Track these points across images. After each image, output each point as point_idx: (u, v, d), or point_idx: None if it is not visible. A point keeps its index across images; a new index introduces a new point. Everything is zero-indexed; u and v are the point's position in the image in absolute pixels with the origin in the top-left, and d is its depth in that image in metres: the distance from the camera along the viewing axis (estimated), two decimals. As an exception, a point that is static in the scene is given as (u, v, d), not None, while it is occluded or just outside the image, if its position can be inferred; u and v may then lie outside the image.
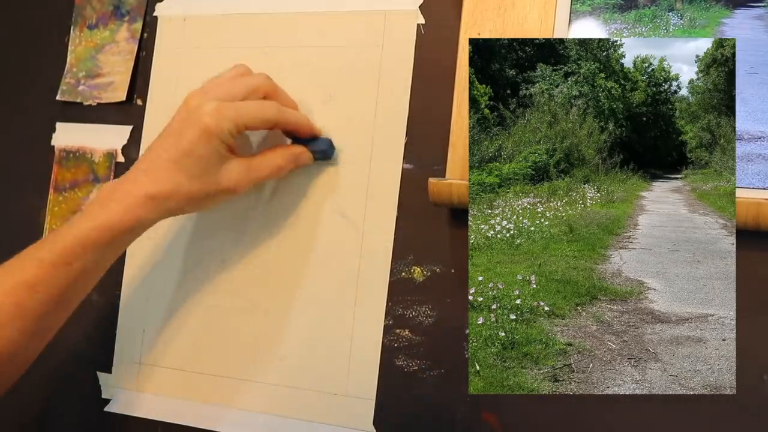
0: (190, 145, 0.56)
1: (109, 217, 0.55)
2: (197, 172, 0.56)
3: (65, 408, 0.73)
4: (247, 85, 0.59)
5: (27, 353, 0.57)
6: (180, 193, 0.56)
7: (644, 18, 0.60)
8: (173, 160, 0.56)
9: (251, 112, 0.58)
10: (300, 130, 0.62)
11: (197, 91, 0.58)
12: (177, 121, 0.57)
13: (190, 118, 0.56)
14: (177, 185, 0.56)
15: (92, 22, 0.77)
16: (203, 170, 0.57)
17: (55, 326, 0.58)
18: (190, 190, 0.56)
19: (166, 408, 0.68)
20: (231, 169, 0.58)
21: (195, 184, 0.57)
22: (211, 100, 0.56)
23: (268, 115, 0.59)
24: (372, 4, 0.66)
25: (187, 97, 0.58)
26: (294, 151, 0.62)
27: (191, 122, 0.56)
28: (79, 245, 0.55)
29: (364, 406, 0.62)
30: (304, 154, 0.63)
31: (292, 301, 0.65)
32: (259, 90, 0.60)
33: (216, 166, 0.57)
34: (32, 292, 0.54)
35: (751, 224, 0.52)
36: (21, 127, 0.79)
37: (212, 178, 0.57)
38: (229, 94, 0.58)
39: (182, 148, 0.56)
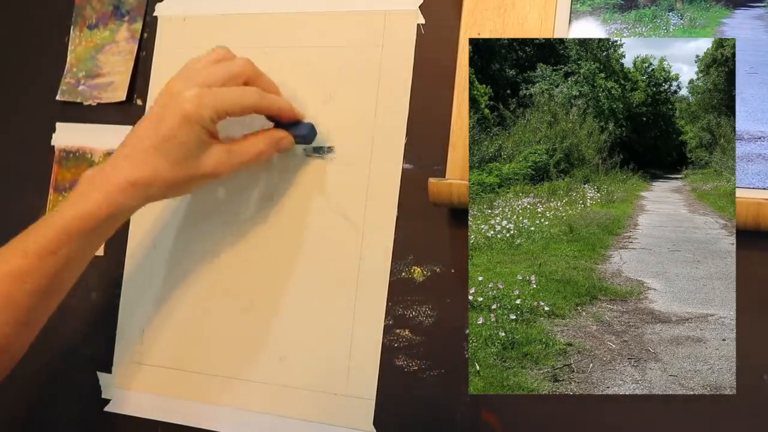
0: (171, 131, 0.56)
1: (91, 205, 0.56)
2: (178, 157, 0.57)
3: (65, 408, 0.73)
4: (228, 70, 0.59)
5: (18, 344, 0.58)
6: (161, 179, 0.57)
7: (644, 18, 0.60)
8: (154, 146, 0.56)
9: (232, 98, 0.58)
10: (282, 115, 0.63)
11: (178, 77, 0.59)
12: (158, 107, 0.58)
13: (170, 105, 0.57)
14: (157, 171, 0.56)
15: (92, 22, 0.77)
16: (184, 156, 0.57)
17: (44, 316, 0.59)
18: (170, 175, 0.57)
19: (166, 408, 0.68)
20: (212, 154, 0.58)
21: (176, 170, 0.57)
22: (191, 87, 0.57)
23: (248, 101, 0.59)
24: (372, 4, 0.66)
25: (168, 83, 0.59)
26: (275, 136, 0.63)
27: (172, 108, 0.56)
28: (64, 234, 0.55)
29: (364, 406, 0.62)
30: (286, 139, 0.63)
31: (292, 301, 0.65)
32: (240, 75, 0.60)
33: (197, 152, 0.58)
34: (20, 283, 0.55)
35: (751, 224, 0.52)
36: (21, 127, 0.79)
37: (193, 164, 0.58)
38: (209, 80, 0.58)
39: (163, 135, 0.56)
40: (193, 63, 0.60)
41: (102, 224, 0.57)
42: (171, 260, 0.70)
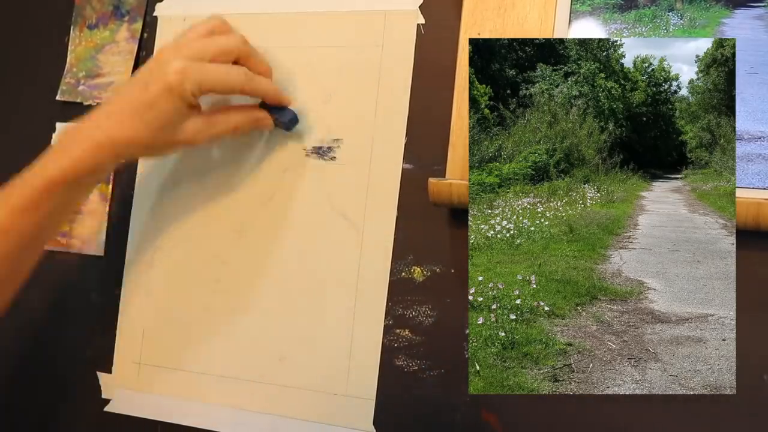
0: (153, 98, 0.58)
1: (72, 160, 0.57)
2: (157, 124, 0.58)
3: (65, 408, 0.73)
4: (220, 45, 0.60)
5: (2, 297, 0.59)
6: (138, 141, 0.59)
7: (644, 18, 0.60)
8: (135, 109, 0.58)
9: (217, 76, 0.59)
10: (267, 98, 0.64)
11: (170, 46, 0.60)
12: (145, 71, 0.59)
13: (156, 72, 0.58)
14: (136, 133, 0.58)
15: (92, 22, 0.77)
16: (163, 123, 0.59)
17: (26, 269, 0.60)
18: (148, 139, 0.59)
19: (166, 408, 0.68)
20: (190, 123, 0.60)
21: (153, 135, 0.59)
22: (180, 58, 0.58)
23: (233, 82, 0.60)
24: (372, 4, 0.66)
25: (159, 49, 0.61)
26: (255, 114, 0.64)
27: (157, 77, 0.58)
28: (45, 189, 0.57)
29: (364, 406, 0.62)
30: (266, 120, 0.64)
31: (292, 301, 0.65)
32: (231, 52, 0.61)
33: (176, 121, 0.59)
34: (4, 237, 0.56)
35: (751, 224, 0.52)
36: (21, 127, 0.79)
37: (171, 131, 0.60)
38: (200, 53, 0.59)
39: (145, 100, 0.58)
40: (188, 32, 0.61)
41: (82, 179, 0.58)
42: (171, 260, 0.70)
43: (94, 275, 0.73)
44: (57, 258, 0.75)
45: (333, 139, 0.66)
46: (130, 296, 0.72)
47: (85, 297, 0.74)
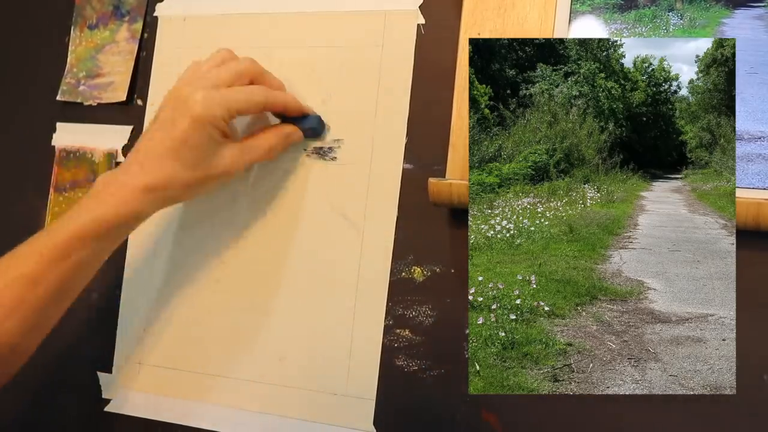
0: (184, 134, 0.57)
1: (105, 210, 0.56)
2: (192, 160, 0.57)
3: (65, 408, 0.73)
4: (234, 71, 0.60)
5: (27, 345, 0.58)
6: (176, 183, 0.57)
7: (644, 18, 0.60)
8: (168, 150, 0.57)
9: (240, 97, 0.59)
10: (289, 110, 0.63)
11: (184, 81, 0.59)
12: (167, 111, 0.58)
13: (180, 108, 0.57)
14: (173, 175, 0.57)
15: (92, 22, 0.77)
16: (198, 158, 0.58)
17: (54, 318, 0.59)
18: (186, 178, 0.58)
19: (166, 408, 0.68)
20: (225, 153, 0.59)
21: (191, 172, 0.58)
22: (199, 89, 0.57)
23: (256, 99, 0.60)
24: (372, 4, 0.66)
25: (175, 88, 0.59)
26: (285, 131, 0.64)
27: (182, 112, 0.57)
28: (77, 239, 0.56)
29: (364, 406, 0.62)
30: (295, 133, 0.64)
31: (292, 301, 0.65)
32: (245, 75, 0.61)
33: (210, 153, 0.58)
34: (32, 285, 0.55)
35: (751, 224, 0.52)
36: (21, 127, 0.79)
37: (207, 165, 0.58)
38: (216, 81, 0.59)
39: (176, 138, 0.57)
40: (198, 66, 0.61)
41: (116, 229, 0.57)
42: (171, 261, 0.70)
43: (94, 275, 0.73)
44: (57, 258, 0.75)
45: (333, 139, 0.66)
46: (130, 296, 0.72)
47: (85, 297, 0.73)
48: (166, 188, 0.57)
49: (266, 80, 0.62)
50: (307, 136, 0.65)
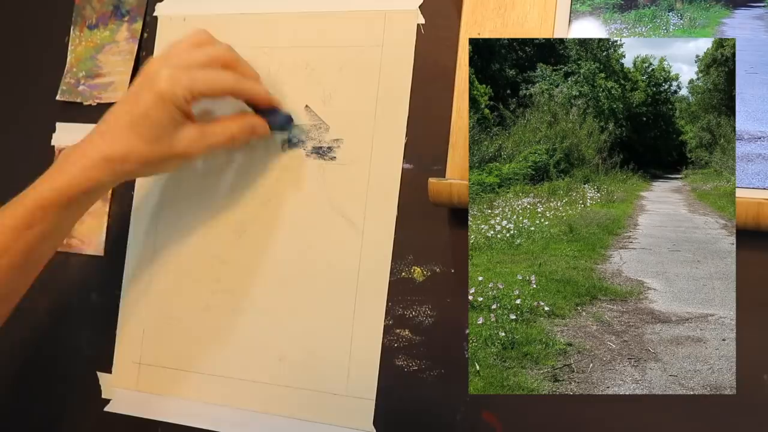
0: (145, 109, 0.57)
1: (66, 180, 0.57)
2: (152, 136, 0.58)
3: (65, 408, 0.73)
4: (208, 53, 0.60)
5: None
6: (135, 156, 0.58)
7: (644, 18, 0.60)
8: (129, 123, 0.58)
9: (207, 79, 0.59)
10: (257, 100, 0.63)
11: (157, 58, 0.60)
12: (135, 86, 0.59)
13: (146, 84, 0.58)
14: (132, 148, 0.58)
15: (92, 22, 0.77)
16: (158, 134, 0.58)
17: (20, 289, 0.60)
18: (144, 152, 0.58)
19: (166, 408, 0.68)
20: (185, 134, 0.59)
21: (149, 148, 0.58)
22: (168, 67, 0.58)
23: (223, 83, 0.60)
24: (372, 4, 0.66)
25: (146, 63, 0.60)
26: (250, 121, 0.63)
27: (147, 87, 0.58)
28: (39, 208, 0.57)
29: (364, 406, 0.62)
30: (261, 127, 0.64)
31: (292, 301, 0.65)
32: (219, 59, 0.61)
33: (170, 131, 0.59)
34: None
35: (751, 224, 0.52)
36: (21, 127, 0.79)
37: (166, 142, 0.59)
38: (188, 61, 0.59)
39: (138, 112, 0.57)
40: (174, 46, 0.61)
41: (77, 199, 0.58)
42: (171, 260, 0.70)
43: (94, 275, 0.73)
44: (57, 258, 0.75)
45: (333, 139, 0.66)
46: (130, 296, 0.72)
47: (85, 297, 0.74)
48: (125, 160, 0.58)
49: (240, 68, 0.62)
50: (273, 129, 0.65)
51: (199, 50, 0.60)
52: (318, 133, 0.66)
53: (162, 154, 0.59)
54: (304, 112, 0.67)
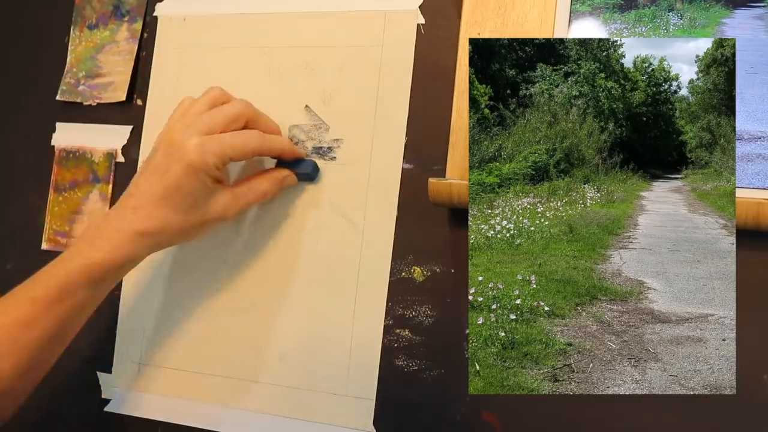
0: (177, 181, 0.56)
1: (98, 255, 0.56)
2: (185, 207, 0.57)
3: (65, 408, 0.73)
4: (228, 115, 0.59)
5: (22, 387, 0.58)
6: (169, 228, 0.57)
7: (644, 18, 0.60)
8: (160, 196, 0.57)
9: (235, 144, 0.58)
10: (284, 155, 0.63)
11: (178, 123, 0.58)
12: (160, 156, 0.57)
13: (174, 155, 0.57)
14: (166, 221, 0.57)
15: (92, 22, 0.77)
16: (191, 205, 0.57)
17: (50, 361, 0.59)
18: (179, 223, 0.58)
19: (166, 408, 0.68)
20: (218, 200, 0.59)
21: (183, 218, 0.58)
22: (193, 135, 0.57)
23: (251, 145, 0.59)
24: (372, 4, 0.66)
25: (168, 130, 0.58)
26: (278, 176, 0.64)
27: (176, 159, 0.56)
28: (71, 283, 0.56)
29: (364, 406, 0.62)
30: (289, 178, 0.64)
31: (292, 301, 0.65)
32: (240, 118, 0.60)
33: (203, 199, 0.58)
34: (26, 330, 0.55)
35: (751, 224, 0.52)
36: (21, 127, 0.79)
37: (200, 211, 0.58)
38: (210, 126, 0.58)
39: (169, 185, 0.56)
40: (190, 107, 0.60)
41: (108, 274, 0.57)
42: (171, 260, 0.70)
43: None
44: (57, 258, 0.75)
45: (333, 139, 0.66)
46: (130, 296, 0.72)
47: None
48: (160, 234, 0.57)
49: (261, 123, 0.62)
50: (301, 180, 0.65)
51: (219, 112, 0.59)
52: (318, 133, 0.66)
53: (197, 223, 0.58)
54: (304, 112, 0.67)
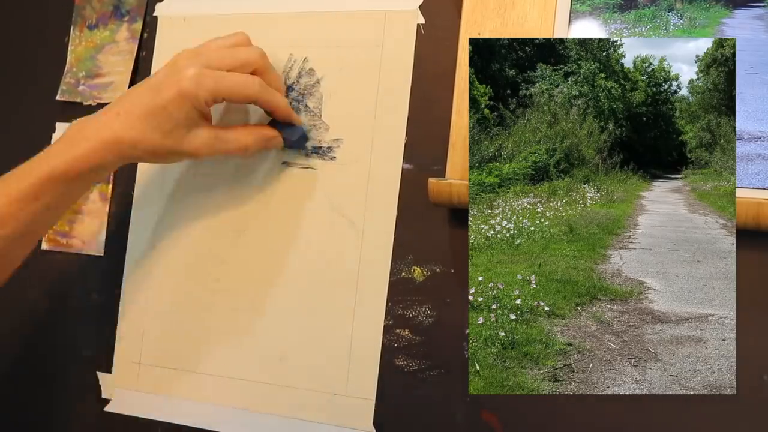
0: (165, 102, 0.57)
1: (77, 154, 0.57)
2: (165, 129, 0.58)
3: (65, 408, 0.73)
4: (239, 57, 0.60)
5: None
6: (145, 143, 0.58)
7: (644, 18, 0.60)
8: (146, 112, 0.58)
9: (231, 84, 0.59)
10: (277, 113, 0.63)
11: (189, 51, 0.60)
12: (160, 75, 0.59)
13: (171, 77, 0.58)
14: (144, 136, 0.58)
15: (92, 22, 0.77)
16: (171, 129, 0.59)
17: (18, 258, 0.61)
18: (154, 143, 0.59)
19: (166, 408, 0.68)
20: (198, 134, 0.60)
21: (160, 140, 0.59)
22: (196, 65, 0.58)
23: (247, 91, 0.60)
24: (372, 4, 0.66)
25: (178, 55, 0.60)
26: (265, 134, 0.64)
27: (171, 81, 0.58)
28: (47, 180, 0.57)
29: (364, 406, 0.62)
30: (275, 139, 0.64)
31: (292, 301, 0.65)
32: (249, 64, 0.61)
33: (184, 129, 0.59)
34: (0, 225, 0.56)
35: (751, 224, 0.52)
36: (21, 127, 0.79)
37: (178, 139, 0.59)
38: (217, 62, 0.59)
39: (156, 104, 0.58)
40: (209, 42, 0.61)
41: (84, 175, 0.58)
42: (171, 260, 0.70)
43: (94, 275, 0.73)
44: (57, 258, 0.75)
45: (333, 139, 0.66)
46: (130, 296, 0.72)
47: (85, 297, 0.74)
48: (134, 146, 0.58)
49: (268, 77, 0.62)
50: (287, 146, 0.65)
51: (230, 52, 0.60)
52: (318, 133, 0.66)
53: (171, 148, 0.60)
54: (304, 111, 0.67)
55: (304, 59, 0.68)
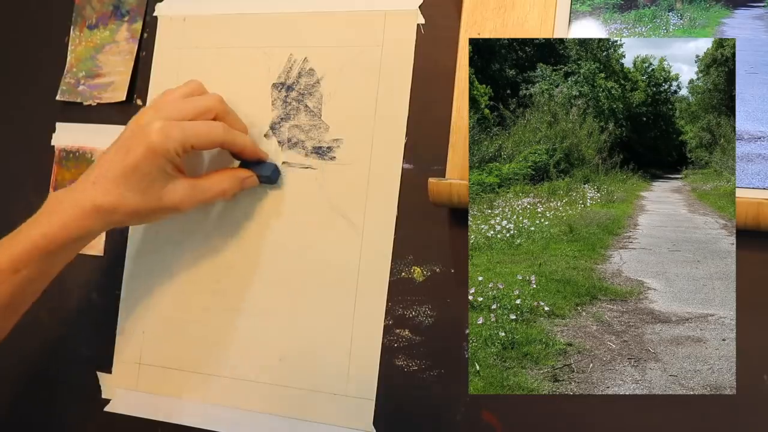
0: (136, 161, 0.57)
1: (56, 226, 0.57)
2: (142, 187, 0.58)
3: (65, 408, 0.73)
4: (199, 105, 0.61)
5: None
6: (124, 206, 0.58)
7: (644, 18, 0.60)
8: (119, 174, 0.58)
9: (198, 132, 0.59)
10: (245, 153, 0.64)
11: (149, 108, 0.60)
12: (126, 136, 0.59)
13: (137, 135, 0.58)
14: (122, 199, 0.58)
15: (92, 22, 0.77)
16: (147, 187, 0.58)
17: (2, 331, 0.60)
18: (134, 204, 0.58)
19: (166, 408, 0.68)
20: (176, 188, 0.60)
21: (139, 199, 0.58)
22: (159, 118, 0.58)
23: (213, 136, 0.60)
24: (372, 4, 0.66)
25: (138, 113, 0.60)
26: (239, 175, 0.64)
27: (138, 139, 0.58)
28: (27, 253, 0.57)
29: (364, 406, 0.62)
30: (250, 178, 0.65)
31: (291, 301, 0.65)
32: (209, 111, 0.61)
33: (160, 184, 0.59)
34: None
35: (751, 224, 0.52)
36: (21, 127, 0.79)
37: (156, 195, 0.59)
38: (179, 113, 0.59)
39: (128, 164, 0.57)
40: (165, 95, 0.62)
41: (65, 245, 0.58)
42: (171, 260, 0.70)
43: (94, 275, 0.73)
44: (57, 258, 0.75)
45: (333, 139, 0.66)
46: (130, 296, 0.72)
47: (85, 297, 0.74)
48: (114, 211, 0.58)
49: (229, 119, 0.63)
50: (262, 182, 0.66)
51: (190, 102, 0.61)
52: (318, 133, 0.66)
53: (152, 207, 0.59)
54: (304, 111, 0.67)
55: (304, 59, 0.68)
